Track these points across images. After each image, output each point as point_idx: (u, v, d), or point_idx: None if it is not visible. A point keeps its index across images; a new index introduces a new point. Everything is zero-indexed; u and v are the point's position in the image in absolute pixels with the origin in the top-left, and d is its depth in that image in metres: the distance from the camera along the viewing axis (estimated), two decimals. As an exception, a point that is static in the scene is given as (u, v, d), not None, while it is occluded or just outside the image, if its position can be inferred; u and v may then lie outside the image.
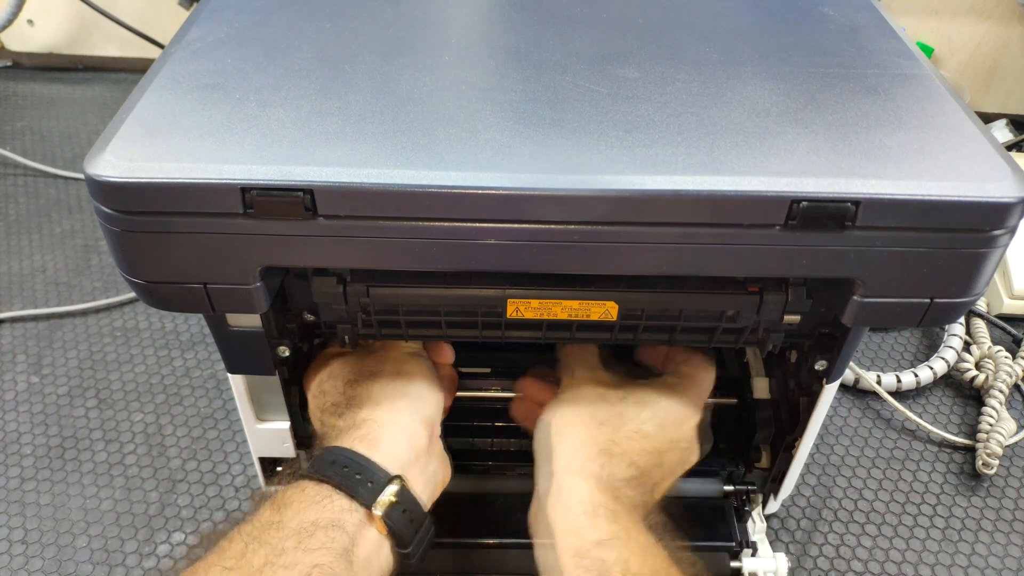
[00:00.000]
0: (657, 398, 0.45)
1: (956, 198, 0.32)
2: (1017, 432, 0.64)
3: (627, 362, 0.51)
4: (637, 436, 0.43)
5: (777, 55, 0.41)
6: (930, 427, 0.64)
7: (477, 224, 0.33)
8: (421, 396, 0.45)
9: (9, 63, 1.08)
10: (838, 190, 0.32)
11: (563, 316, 0.41)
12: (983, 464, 0.61)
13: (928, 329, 0.75)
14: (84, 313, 0.73)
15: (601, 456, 0.41)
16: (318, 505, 0.37)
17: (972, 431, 0.64)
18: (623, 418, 0.44)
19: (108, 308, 0.74)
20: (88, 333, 0.72)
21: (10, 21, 0.89)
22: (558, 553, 0.39)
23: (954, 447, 0.64)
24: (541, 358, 0.53)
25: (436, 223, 0.33)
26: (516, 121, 0.35)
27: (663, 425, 0.44)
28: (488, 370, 0.58)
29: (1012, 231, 0.34)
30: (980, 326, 0.72)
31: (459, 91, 0.38)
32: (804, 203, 0.32)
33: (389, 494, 0.38)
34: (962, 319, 0.73)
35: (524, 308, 0.41)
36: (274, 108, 0.35)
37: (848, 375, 0.68)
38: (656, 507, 0.43)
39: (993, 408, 0.64)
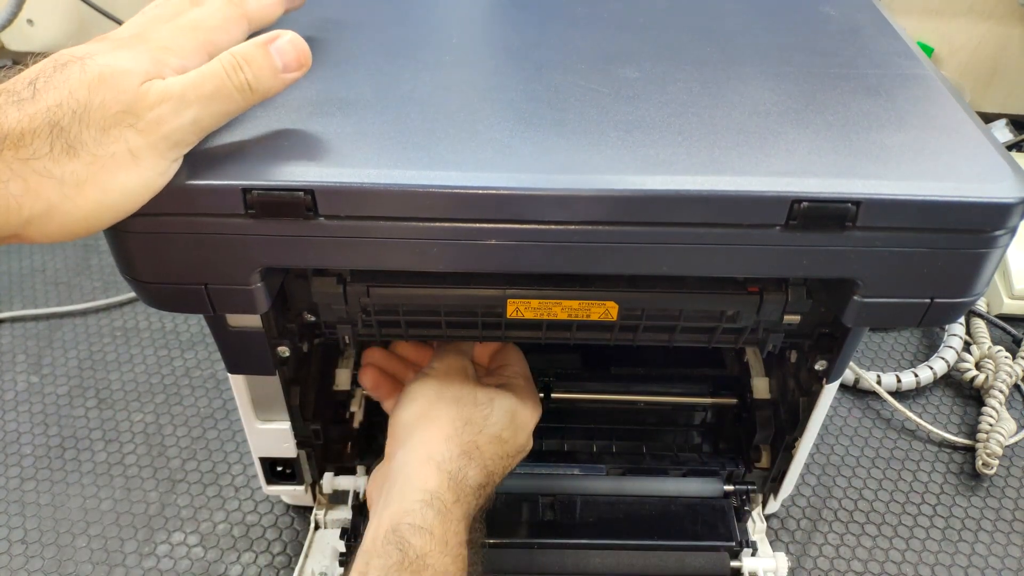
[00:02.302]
0: (512, 401, 0.47)
1: (956, 198, 0.32)
2: (1017, 432, 0.64)
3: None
4: (496, 441, 0.45)
5: (778, 55, 0.41)
6: (930, 427, 0.64)
7: (477, 224, 0.33)
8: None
9: (9, 63, 1.08)
10: (839, 190, 0.32)
11: (563, 316, 0.41)
12: (983, 464, 0.61)
13: (928, 329, 0.75)
14: (84, 313, 0.73)
15: (462, 458, 0.43)
16: None
17: (972, 431, 0.64)
18: (488, 421, 0.45)
19: (108, 308, 0.74)
20: (88, 333, 0.71)
21: (10, 21, 0.89)
22: (380, 520, 0.40)
23: (954, 447, 0.64)
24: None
25: (436, 223, 0.33)
26: (516, 121, 0.35)
27: (516, 430, 0.46)
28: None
29: (1012, 231, 0.34)
30: (980, 326, 0.72)
31: (460, 91, 0.38)
32: (805, 203, 0.32)
33: None
34: (962, 319, 0.73)
35: (524, 308, 0.41)
36: (275, 109, 0.35)
37: (848, 375, 0.68)
38: (481, 518, 0.44)
39: (993, 408, 0.64)
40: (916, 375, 0.68)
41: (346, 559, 0.49)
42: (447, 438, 0.43)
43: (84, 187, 0.29)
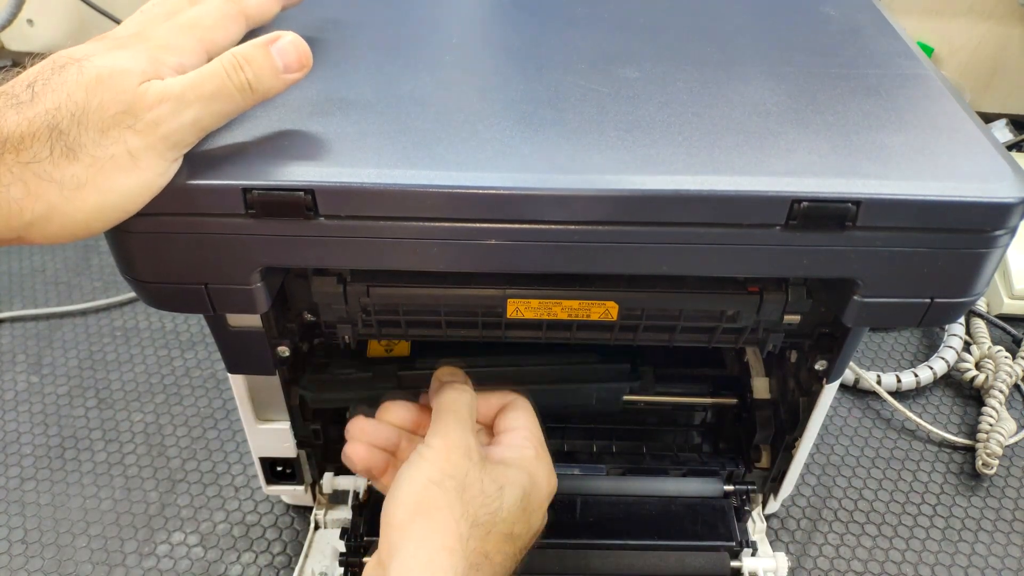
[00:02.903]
0: (524, 483, 0.40)
1: (957, 198, 0.32)
2: (1017, 432, 0.64)
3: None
4: (507, 540, 0.38)
5: (778, 55, 0.41)
6: (930, 427, 0.64)
7: (477, 224, 0.33)
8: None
9: (9, 63, 1.08)
10: (839, 190, 0.32)
11: (563, 316, 0.41)
12: (983, 464, 0.61)
13: (928, 329, 0.75)
14: (84, 313, 0.73)
15: (469, 572, 0.36)
16: None
17: (972, 431, 0.64)
18: (497, 516, 0.38)
19: (108, 308, 0.74)
20: (88, 333, 0.71)
21: (10, 21, 0.89)
22: None
23: (954, 447, 0.64)
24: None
25: (436, 223, 0.33)
26: (516, 121, 0.35)
27: (529, 517, 0.40)
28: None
29: (1012, 231, 0.34)
30: (980, 326, 0.72)
31: (460, 91, 0.38)
32: (805, 203, 0.32)
33: None
34: (962, 319, 0.73)
35: (524, 308, 0.41)
36: (275, 108, 0.35)
37: (848, 375, 0.68)
38: None
39: (993, 408, 0.64)
40: (916, 375, 0.68)
41: (346, 559, 0.49)
42: (450, 549, 0.35)
43: (84, 190, 0.29)
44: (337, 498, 0.55)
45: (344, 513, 0.54)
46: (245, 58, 0.31)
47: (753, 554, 0.50)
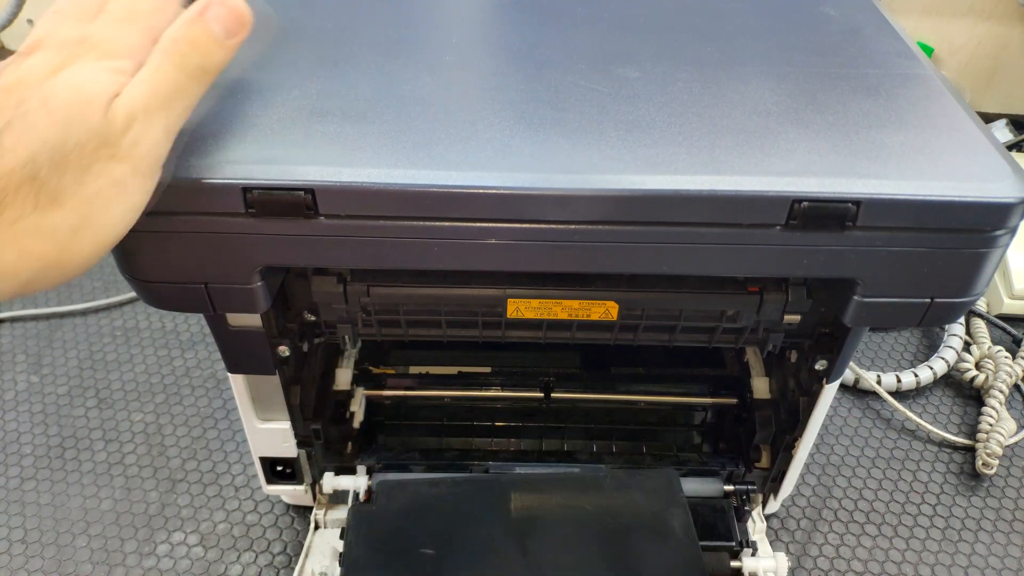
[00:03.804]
0: None
1: (957, 198, 0.32)
2: (1017, 432, 0.64)
3: None
4: None
5: (778, 55, 0.41)
6: (930, 427, 0.64)
7: (477, 224, 0.33)
8: None
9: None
10: (839, 190, 0.32)
11: (563, 316, 0.41)
12: (983, 464, 0.61)
13: (928, 329, 0.75)
14: (84, 313, 0.73)
15: None
16: None
17: (972, 431, 0.64)
18: None
19: (108, 308, 0.74)
20: (88, 333, 0.71)
21: (10, 21, 0.89)
22: None
23: (954, 447, 0.64)
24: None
25: (436, 223, 0.33)
26: (516, 121, 0.35)
27: None
28: (488, 369, 0.58)
29: (1012, 231, 0.34)
30: (980, 326, 0.72)
31: (460, 91, 0.38)
32: (805, 203, 0.32)
33: None
34: (962, 319, 0.73)
35: (524, 308, 0.41)
36: (275, 108, 0.35)
37: (848, 375, 0.68)
38: None
39: (993, 408, 0.64)
40: (916, 375, 0.68)
41: (346, 559, 0.49)
42: None
43: (79, 233, 0.28)
44: (337, 498, 0.55)
45: (344, 513, 0.54)
46: (188, 43, 0.30)
47: (753, 554, 0.50)
